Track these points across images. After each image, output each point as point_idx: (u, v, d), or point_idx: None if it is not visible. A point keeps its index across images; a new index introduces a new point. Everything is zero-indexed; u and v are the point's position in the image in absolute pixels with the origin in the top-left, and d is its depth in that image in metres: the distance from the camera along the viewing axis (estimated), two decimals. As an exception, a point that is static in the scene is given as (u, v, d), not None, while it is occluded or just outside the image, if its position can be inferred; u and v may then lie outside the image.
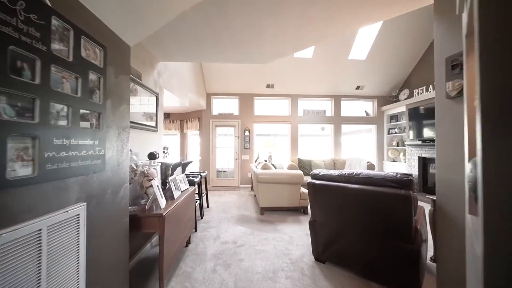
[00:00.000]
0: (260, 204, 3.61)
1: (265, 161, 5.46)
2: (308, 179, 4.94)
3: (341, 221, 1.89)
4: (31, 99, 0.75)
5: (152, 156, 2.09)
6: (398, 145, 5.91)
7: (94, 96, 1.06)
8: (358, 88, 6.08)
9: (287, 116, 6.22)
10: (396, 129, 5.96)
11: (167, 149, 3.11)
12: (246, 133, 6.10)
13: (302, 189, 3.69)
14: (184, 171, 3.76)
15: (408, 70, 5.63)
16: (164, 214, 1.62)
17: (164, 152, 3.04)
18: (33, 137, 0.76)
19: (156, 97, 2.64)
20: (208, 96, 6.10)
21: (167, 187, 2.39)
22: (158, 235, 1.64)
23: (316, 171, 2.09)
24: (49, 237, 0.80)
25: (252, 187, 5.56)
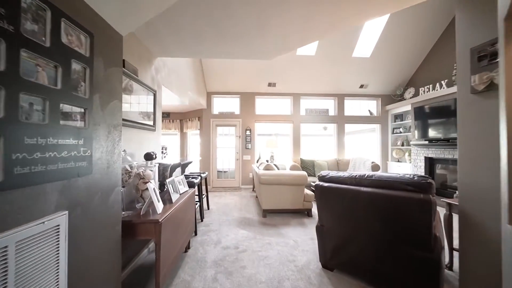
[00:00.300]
0: (262, 206, 3.48)
1: (267, 161, 5.33)
2: (311, 180, 4.89)
3: (351, 226, 1.76)
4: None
5: (148, 156, 1.96)
6: (403, 145, 5.78)
7: (78, 89, 0.93)
8: (362, 86, 5.95)
9: (289, 116, 6.09)
10: (401, 129, 5.83)
11: (166, 149, 2.98)
12: (247, 132, 5.97)
13: (306, 191, 3.56)
14: (184, 172, 3.63)
15: (413, 68, 5.49)
16: (161, 220, 1.49)
17: (162, 152, 2.92)
18: (-5, 135, 0.63)
19: (154, 94, 2.51)
20: (209, 95, 5.97)
21: (165, 190, 2.27)
22: (154, 243, 1.50)
23: (324, 173, 1.96)
24: (18, 255, 0.67)
25: (254, 188, 5.43)
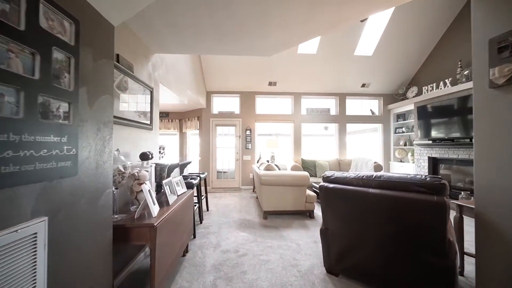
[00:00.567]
0: (263, 208, 3.38)
1: (268, 161, 5.23)
2: (313, 180, 4.79)
3: (358, 229, 1.66)
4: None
5: (144, 156, 1.87)
6: (405, 145, 5.68)
7: (61, 81, 0.84)
8: (363, 85, 5.86)
9: (290, 115, 6.00)
10: (403, 128, 5.73)
11: (163, 149, 2.88)
12: (248, 132, 5.87)
13: (308, 192, 3.46)
14: (182, 173, 3.53)
15: (416, 66, 5.40)
16: (156, 224, 1.39)
17: (160, 152, 2.82)
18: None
19: (151, 92, 2.41)
20: (208, 94, 5.87)
21: (162, 191, 2.17)
22: (149, 248, 1.41)
23: (328, 173, 1.86)
24: (-17, 270, 0.58)
25: (254, 189, 5.33)
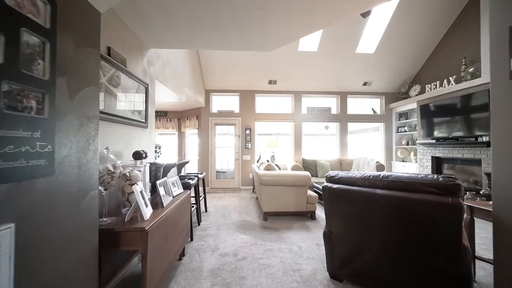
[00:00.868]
0: (263, 209, 3.28)
1: (268, 161, 5.13)
2: (314, 180, 4.69)
3: (365, 233, 1.56)
4: None
5: (137, 155, 1.77)
6: (408, 144, 5.59)
7: (33, 68, 0.74)
8: (365, 84, 5.76)
9: (290, 114, 5.90)
10: (405, 127, 5.64)
11: (160, 148, 2.78)
12: (247, 132, 5.77)
13: (309, 192, 3.36)
14: (180, 173, 3.43)
15: (419, 64, 5.30)
16: (147, 228, 1.29)
17: (156, 151, 2.72)
18: None
19: (146, 88, 2.31)
20: (207, 93, 5.77)
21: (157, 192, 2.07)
22: (140, 254, 1.31)
23: (332, 173, 1.76)
24: None
25: (254, 189, 5.23)
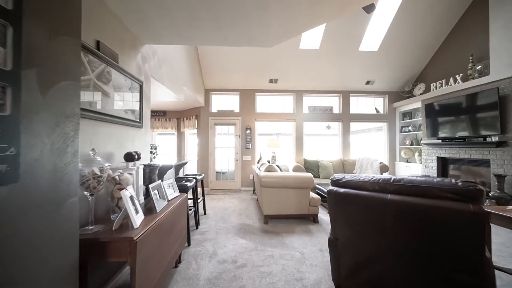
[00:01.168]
0: (263, 212, 3.16)
1: (268, 162, 5.01)
2: (316, 182, 4.56)
3: (374, 241, 1.44)
4: None
5: (129, 157, 1.65)
6: (412, 144, 5.46)
7: (-10, 56, 0.62)
8: (368, 83, 5.63)
9: (291, 114, 5.78)
10: (409, 127, 5.51)
11: (156, 149, 2.66)
12: (248, 131, 5.66)
13: (312, 194, 3.24)
14: (178, 174, 3.32)
15: (424, 62, 5.17)
16: (136, 237, 1.17)
17: (151, 152, 2.60)
18: None
19: (140, 86, 2.20)
20: (207, 92, 5.66)
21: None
22: (128, 266, 1.19)
23: (338, 176, 1.64)
24: None
25: (254, 190, 5.11)
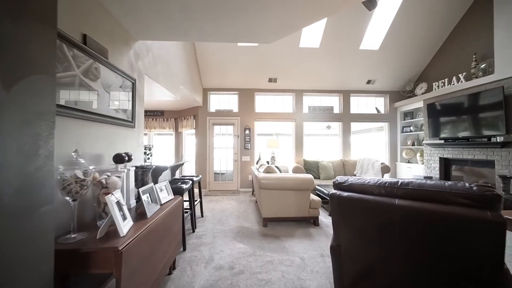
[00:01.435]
0: (262, 214, 3.06)
1: (268, 162, 4.92)
2: (317, 183, 4.46)
3: (380, 249, 1.34)
4: None
5: (119, 158, 1.55)
6: (413, 144, 5.37)
7: None
8: (369, 82, 5.54)
9: (291, 114, 5.68)
10: (411, 127, 5.42)
11: (150, 150, 2.56)
12: (247, 132, 5.56)
13: (312, 196, 3.15)
14: (174, 175, 3.22)
15: (425, 61, 5.08)
16: (122, 247, 1.07)
17: (145, 153, 2.50)
18: None
19: (133, 83, 2.09)
20: (205, 91, 5.56)
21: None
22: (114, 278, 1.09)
23: (341, 179, 1.54)
24: None
25: (253, 192, 5.01)
